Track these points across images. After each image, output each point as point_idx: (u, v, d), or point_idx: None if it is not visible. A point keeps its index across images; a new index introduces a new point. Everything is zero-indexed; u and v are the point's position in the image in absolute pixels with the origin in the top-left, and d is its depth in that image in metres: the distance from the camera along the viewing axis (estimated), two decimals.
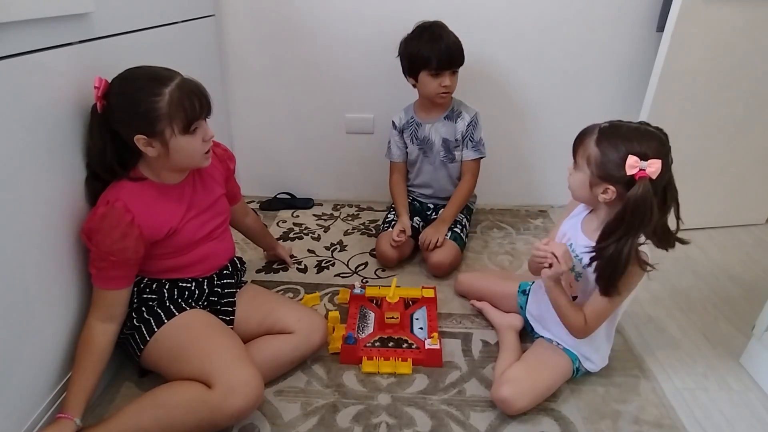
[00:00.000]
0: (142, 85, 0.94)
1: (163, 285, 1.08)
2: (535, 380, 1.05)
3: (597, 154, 0.93)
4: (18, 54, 0.83)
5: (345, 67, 1.82)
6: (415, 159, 1.69)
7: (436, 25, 1.51)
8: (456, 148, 1.63)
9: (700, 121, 1.63)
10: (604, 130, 0.94)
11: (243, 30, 1.79)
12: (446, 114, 1.62)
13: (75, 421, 0.91)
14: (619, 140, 0.91)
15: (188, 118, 0.96)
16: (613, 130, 0.93)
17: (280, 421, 1.04)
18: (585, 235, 1.05)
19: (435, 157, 1.65)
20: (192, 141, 0.99)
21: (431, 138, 1.63)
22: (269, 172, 2.05)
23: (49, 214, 0.93)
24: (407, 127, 1.66)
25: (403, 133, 1.68)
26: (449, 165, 1.65)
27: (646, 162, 0.88)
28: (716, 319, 1.37)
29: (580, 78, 1.81)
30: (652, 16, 1.70)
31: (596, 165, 0.93)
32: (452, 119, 1.61)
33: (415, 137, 1.65)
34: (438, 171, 1.67)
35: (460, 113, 1.61)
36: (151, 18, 1.27)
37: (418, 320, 1.33)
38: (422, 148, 1.65)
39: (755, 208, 1.86)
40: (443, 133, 1.62)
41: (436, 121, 1.62)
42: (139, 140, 0.95)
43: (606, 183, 0.93)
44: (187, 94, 0.95)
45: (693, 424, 1.05)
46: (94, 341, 0.98)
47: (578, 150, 0.98)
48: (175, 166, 1.03)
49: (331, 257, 1.66)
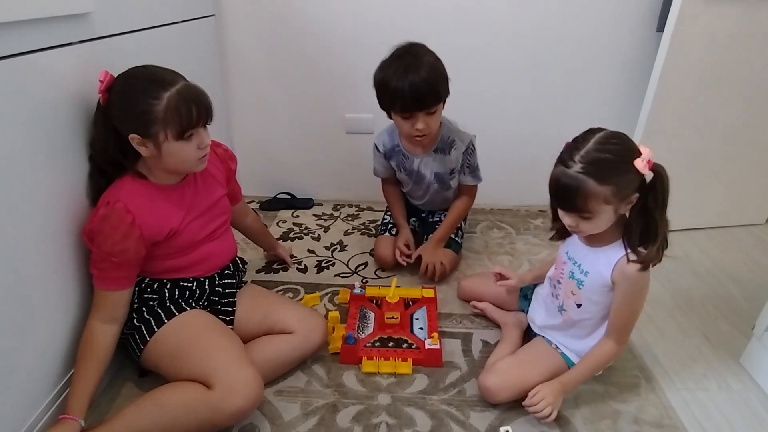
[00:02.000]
0: (143, 86, 0.94)
1: (164, 285, 1.08)
2: (523, 375, 1.05)
3: (612, 189, 0.89)
4: (18, 54, 0.83)
5: (345, 67, 1.82)
6: (406, 182, 1.57)
7: (412, 52, 1.29)
8: (452, 178, 1.51)
9: (700, 121, 1.63)
10: (590, 170, 0.88)
11: (243, 30, 1.79)
12: (436, 147, 1.45)
13: (79, 422, 0.91)
14: (615, 164, 0.89)
15: (182, 125, 0.95)
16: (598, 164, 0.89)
17: (280, 421, 1.04)
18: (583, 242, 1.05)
19: (427, 187, 1.55)
20: (185, 147, 0.98)
21: (422, 172, 1.50)
22: (269, 172, 2.05)
23: (49, 214, 0.93)
24: (393, 154, 1.51)
25: (390, 159, 1.53)
26: (445, 192, 1.56)
27: (644, 155, 0.90)
28: (716, 319, 1.37)
29: (580, 78, 1.81)
30: (652, 16, 1.70)
31: (615, 195, 0.90)
32: (444, 152, 1.46)
33: (403, 167, 1.51)
34: (432, 195, 1.58)
35: (452, 142, 1.45)
36: (151, 18, 1.27)
37: (418, 320, 1.33)
38: (411, 177, 1.53)
39: (755, 208, 1.86)
40: (435, 167, 1.48)
41: (425, 156, 1.47)
42: (133, 139, 0.96)
43: (629, 197, 0.93)
44: (185, 101, 0.95)
45: (693, 424, 1.05)
46: (96, 342, 0.98)
47: (587, 203, 0.90)
48: (167, 169, 1.02)
49: (331, 257, 1.66)
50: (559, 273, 1.11)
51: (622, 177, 0.90)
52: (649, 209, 0.93)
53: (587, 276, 1.02)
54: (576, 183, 0.89)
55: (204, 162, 1.04)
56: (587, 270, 1.02)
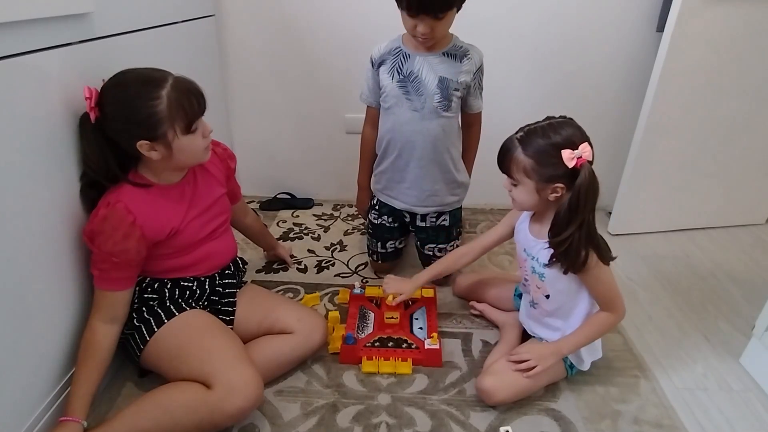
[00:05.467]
0: (137, 90, 0.92)
1: (164, 285, 1.08)
2: (519, 375, 1.05)
3: (532, 163, 0.96)
4: (18, 54, 0.83)
5: (345, 67, 1.82)
6: (390, 105, 1.29)
7: None
8: (456, 92, 1.26)
9: (700, 121, 1.63)
10: (524, 139, 0.98)
11: (243, 30, 1.79)
12: (446, 50, 1.26)
13: (82, 423, 0.91)
14: (544, 141, 0.95)
15: (189, 117, 0.96)
16: (532, 136, 0.97)
17: (280, 421, 1.04)
18: (534, 236, 1.08)
19: (424, 101, 1.26)
20: (194, 139, 0.99)
21: (422, 75, 1.25)
22: (269, 172, 2.05)
23: (49, 214, 0.93)
24: (388, 58, 1.28)
25: (380, 67, 1.29)
26: (441, 116, 1.27)
27: (578, 150, 0.93)
28: (716, 319, 1.37)
29: (581, 78, 1.81)
30: (652, 16, 1.70)
31: (536, 172, 0.97)
32: (455, 58, 1.26)
33: (399, 71, 1.26)
34: (424, 123, 1.27)
35: (466, 52, 1.27)
36: (151, 18, 1.27)
37: (418, 320, 1.33)
38: (404, 87, 1.26)
39: (755, 208, 1.86)
40: (441, 70, 1.25)
41: (430, 54, 1.25)
42: (142, 146, 0.94)
43: (552, 183, 0.97)
44: (184, 94, 0.95)
45: (693, 424, 1.05)
46: (97, 343, 0.98)
47: (510, 167, 1.00)
48: (177, 166, 1.03)
49: (331, 257, 1.66)
50: (523, 271, 1.13)
51: (547, 158, 0.95)
52: (565, 209, 0.96)
53: (545, 268, 1.05)
54: (509, 145, 1.00)
55: (209, 151, 1.05)
56: (544, 262, 1.04)
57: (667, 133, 1.62)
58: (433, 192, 1.39)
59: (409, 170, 1.36)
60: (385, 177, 1.43)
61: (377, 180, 1.47)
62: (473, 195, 1.58)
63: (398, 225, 1.49)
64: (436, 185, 1.38)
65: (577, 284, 1.05)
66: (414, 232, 1.50)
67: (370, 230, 1.52)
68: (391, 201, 1.45)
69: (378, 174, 1.45)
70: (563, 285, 1.05)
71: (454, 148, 1.37)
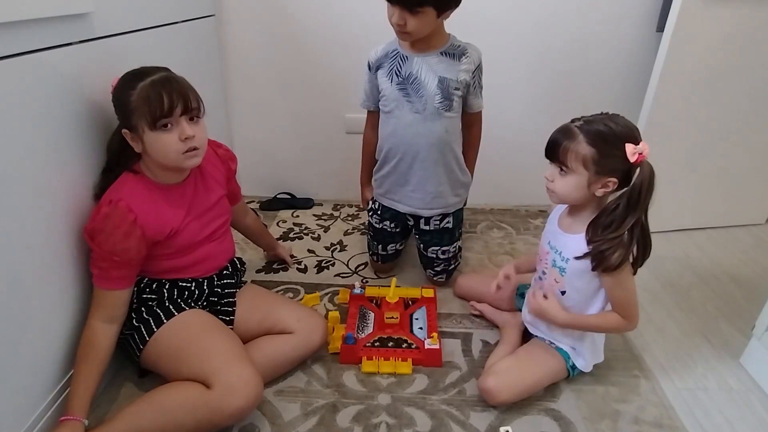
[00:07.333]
0: (126, 79, 0.97)
1: (163, 285, 1.08)
2: (521, 375, 1.06)
3: (593, 153, 0.93)
4: (18, 54, 0.83)
5: (345, 67, 1.82)
6: (391, 108, 1.28)
7: None
8: (456, 91, 1.25)
9: (700, 121, 1.63)
10: (587, 128, 0.94)
11: (243, 30, 1.79)
12: (444, 49, 1.25)
13: (83, 422, 0.91)
14: (609, 133, 0.93)
15: (152, 113, 0.93)
16: (596, 126, 0.94)
17: (280, 421, 1.04)
18: (563, 230, 1.06)
19: (425, 102, 1.25)
20: (163, 137, 0.95)
21: (421, 76, 1.23)
22: (269, 172, 2.05)
23: (50, 213, 0.93)
24: (386, 61, 1.27)
25: (378, 71, 1.29)
26: (444, 117, 1.26)
27: (640, 145, 0.91)
28: (716, 319, 1.37)
29: (581, 78, 1.81)
30: (652, 16, 1.71)
31: (596, 163, 0.94)
32: (453, 57, 1.25)
33: (397, 73, 1.25)
34: (427, 125, 1.26)
35: (465, 51, 1.25)
36: (151, 18, 1.27)
37: (418, 320, 1.33)
38: (404, 89, 1.25)
39: (755, 208, 1.86)
40: (440, 70, 1.23)
41: (428, 54, 1.24)
42: (126, 134, 0.98)
43: (606, 177, 0.95)
44: (157, 90, 0.93)
45: (693, 424, 1.05)
46: (97, 342, 0.98)
47: (567, 156, 0.96)
48: (158, 164, 1.01)
49: (331, 257, 1.66)
50: (543, 264, 1.12)
51: (609, 150, 0.92)
52: (623, 206, 0.94)
53: (568, 263, 1.04)
54: (570, 131, 0.96)
55: (195, 158, 1.00)
56: (567, 257, 1.03)
57: (666, 133, 1.62)
58: (438, 194, 1.37)
59: (413, 173, 1.35)
60: (387, 180, 1.41)
61: (379, 184, 1.44)
62: (473, 195, 1.58)
63: (400, 230, 1.48)
64: (441, 186, 1.36)
65: (595, 286, 1.03)
66: (417, 235, 1.49)
67: (371, 233, 1.52)
68: (395, 205, 1.43)
69: (380, 178, 1.43)
70: (582, 284, 1.04)
71: (457, 148, 1.37)
